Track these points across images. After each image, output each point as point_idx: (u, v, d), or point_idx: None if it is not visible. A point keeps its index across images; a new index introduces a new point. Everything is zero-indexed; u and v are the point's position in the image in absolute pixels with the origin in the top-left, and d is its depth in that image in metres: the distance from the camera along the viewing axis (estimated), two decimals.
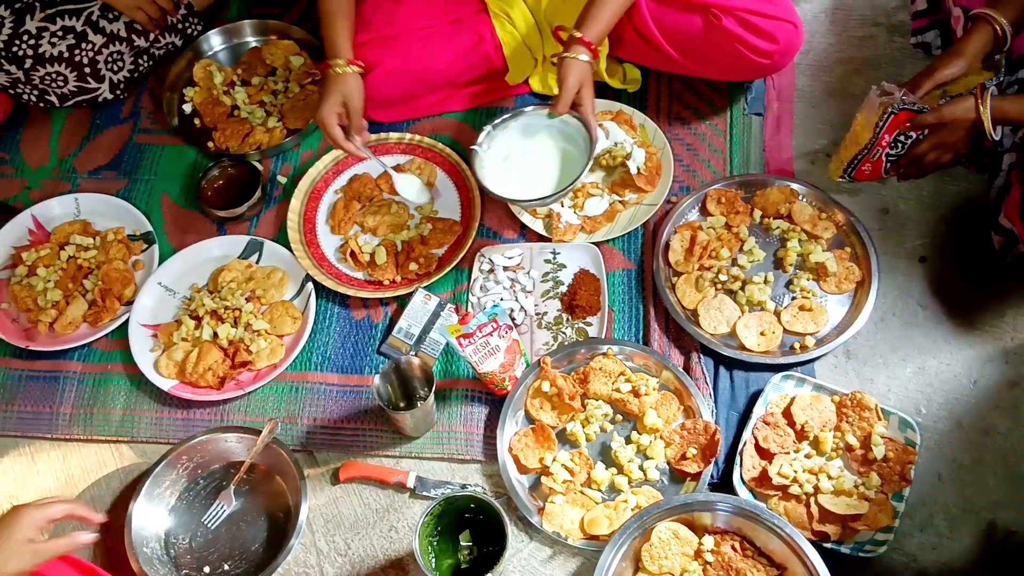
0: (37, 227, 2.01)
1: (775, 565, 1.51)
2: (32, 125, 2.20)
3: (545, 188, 1.85)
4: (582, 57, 1.75)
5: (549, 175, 1.87)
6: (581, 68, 1.76)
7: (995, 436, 1.64)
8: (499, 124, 1.89)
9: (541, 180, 1.87)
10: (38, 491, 1.74)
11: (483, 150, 1.87)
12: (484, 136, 1.87)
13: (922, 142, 1.67)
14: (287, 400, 1.78)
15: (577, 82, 1.76)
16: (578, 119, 1.81)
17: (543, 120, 1.88)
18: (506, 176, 1.87)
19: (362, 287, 1.88)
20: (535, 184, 1.86)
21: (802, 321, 1.75)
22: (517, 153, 1.90)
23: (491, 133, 1.88)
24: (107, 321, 1.87)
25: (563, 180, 1.85)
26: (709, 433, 1.62)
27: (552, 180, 1.86)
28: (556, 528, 1.58)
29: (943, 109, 1.61)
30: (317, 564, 1.62)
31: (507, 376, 1.68)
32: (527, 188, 1.85)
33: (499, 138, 1.90)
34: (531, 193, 1.84)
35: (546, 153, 1.89)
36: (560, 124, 1.86)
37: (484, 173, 1.86)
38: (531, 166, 1.88)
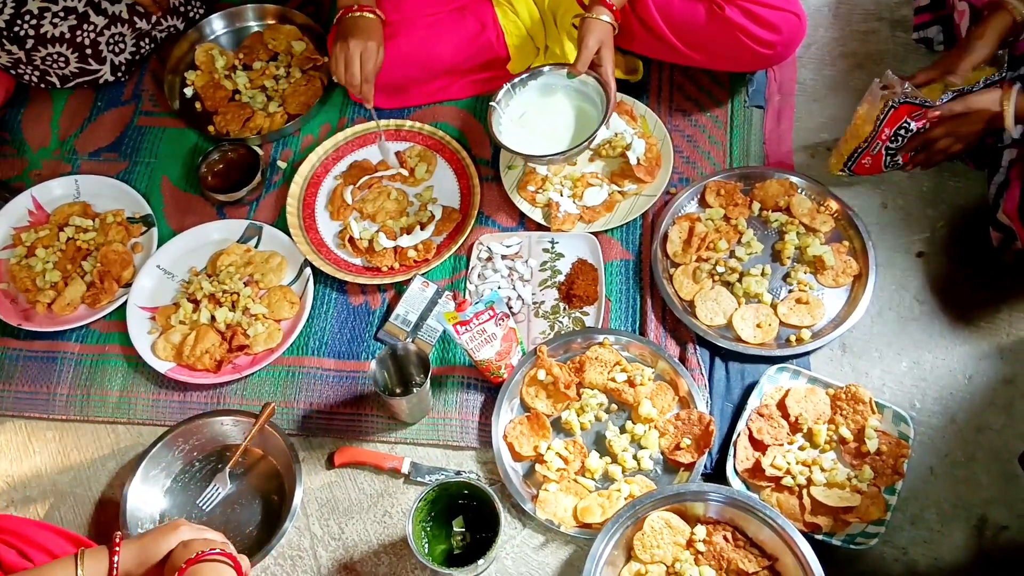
0: (37, 208, 2.01)
1: (766, 556, 1.51)
2: (33, 106, 2.20)
3: (560, 145, 1.84)
4: (604, 18, 1.77)
5: (565, 132, 1.88)
6: (602, 28, 1.77)
7: (988, 432, 1.64)
8: (518, 83, 1.89)
9: (557, 137, 1.87)
10: (34, 471, 1.75)
11: (501, 107, 1.87)
12: (502, 93, 1.87)
13: (937, 127, 1.67)
14: (283, 384, 1.79)
15: (597, 42, 1.77)
16: (596, 79, 1.81)
17: (561, 80, 1.88)
18: (522, 133, 1.88)
19: (360, 273, 1.88)
20: (550, 141, 1.86)
21: (798, 314, 1.75)
22: (534, 111, 1.90)
23: (509, 91, 1.88)
24: (105, 303, 1.88)
25: (578, 137, 1.85)
26: (703, 424, 1.62)
27: (568, 137, 1.87)
28: (549, 516, 1.59)
29: (970, 98, 1.61)
30: (311, 548, 1.63)
31: (503, 364, 1.68)
32: (542, 145, 1.85)
33: (517, 96, 1.90)
34: (546, 149, 1.83)
35: (563, 111, 1.90)
36: (578, 84, 1.87)
37: (500, 129, 1.86)
38: (547, 123, 1.89)
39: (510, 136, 1.86)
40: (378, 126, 1.96)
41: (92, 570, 1.25)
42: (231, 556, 1.25)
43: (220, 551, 1.24)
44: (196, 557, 1.21)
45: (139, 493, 1.64)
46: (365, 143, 2.05)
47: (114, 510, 1.64)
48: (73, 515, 1.69)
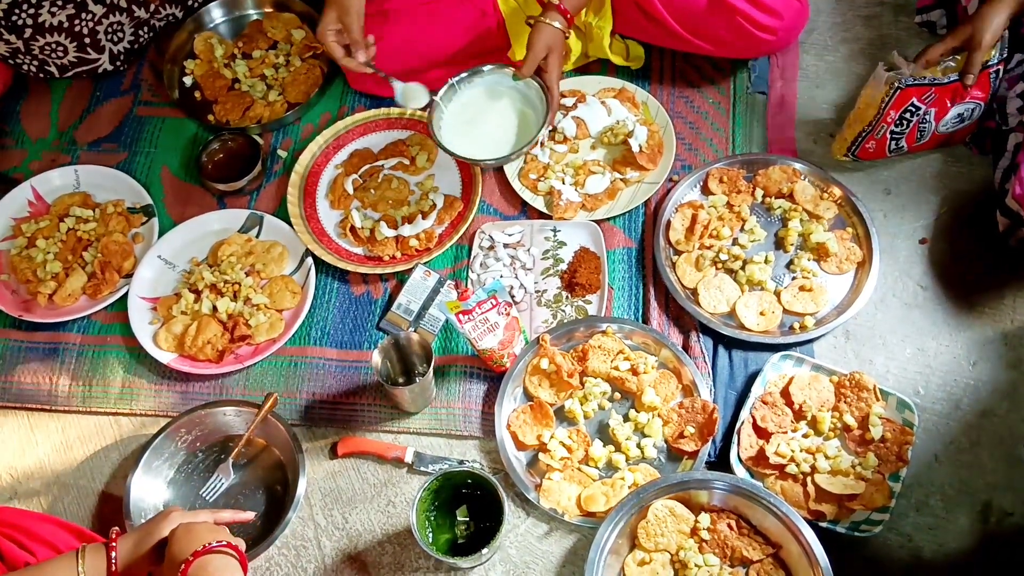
0: (37, 198, 2.01)
1: (771, 543, 1.51)
2: (32, 96, 2.19)
3: (499, 148, 1.86)
4: (555, 24, 1.76)
5: (505, 135, 1.88)
6: (551, 34, 1.77)
7: (993, 418, 1.64)
8: (461, 80, 1.89)
9: (496, 140, 1.88)
10: (37, 462, 1.74)
11: (443, 103, 1.88)
12: (445, 90, 1.88)
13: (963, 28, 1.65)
14: (286, 374, 1.78)
15: (545, 48, 1.77)
16: (540, 84, 1.82)
17: (506, 81, 1.89)
18: (462, 132, 1.88)
19: (362, 262, 1.88)
20: (489, 144, 1.87)
21: (802, 301, 1.74)
22: (476, 110, 1.91)
23: (453, 87, 1.89)
24: (106, 293, 1.87)
25: (518, 142, 1.86)
26: (707, 412, 1.62)
27: (507, 141, 1.88)
28: (553, 504, 1.59)
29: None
30: (315, 537, 1.63)
31: (506, 353, 1.68)
32: (481, 147, 1.86)
33: (460, 93, 1.91)
34: (484, 152, 1.84)
35: (504, 114, 1.91)
36: (522, 87, 1.88)
37: (441, 126, 1.87)
38: (488, 125, 1.89)
39: (450, 135, 1.87)
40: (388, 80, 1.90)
41: (93, 566, 1.26)
42: (235, 547, 1.25)
43: (227, 543, 1.24)
44: (203, 549, 1.21)
45: (142, 484, 1.64)
46: (366, 132, 2.04)
47: (117, 502, 1.64)
48: (76, 507, 1.69)
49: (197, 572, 1.19)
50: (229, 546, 1.24)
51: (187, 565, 1.20)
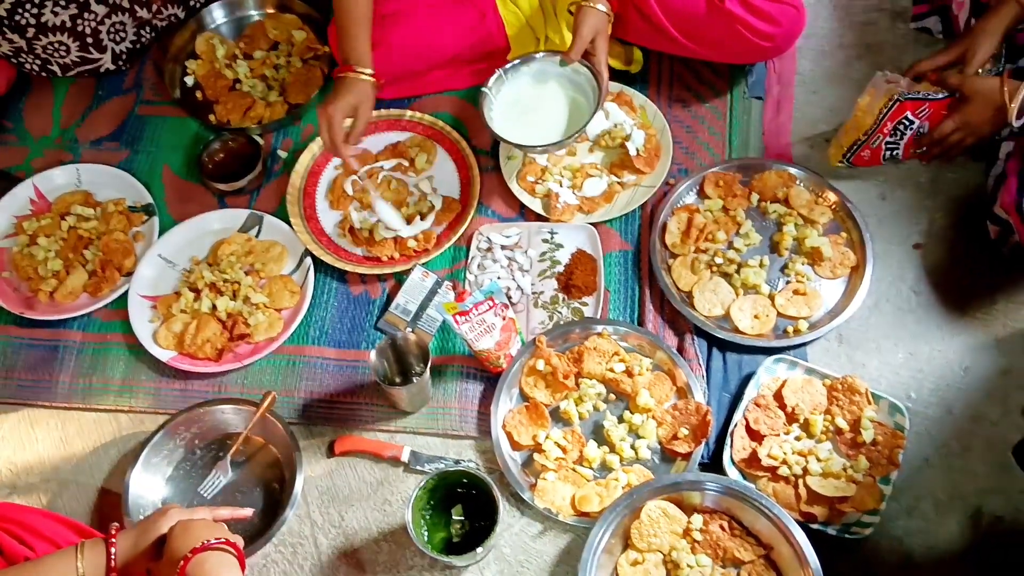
0: (39, 196, 2.02)
1: (762, 545, 1.53)
2: (35, 94, 2.21)
3: (551, 135, 1.85)
4: (600, 7, 1.77)
5: (556, 123, 1.88)
6: (597, 17, 1.77)
7: (984, 423, 1.66)
8: (510, 68, 1.89)
9: (548, 127, 1.87)
10: (37, 459, 1.76)
11: (492, 93, 1.88)
12: (494, 79, 1.87)
13: (947, 120, 1.67)
14: (284, 373, 1.80)
15: (592, 31, 1.77)
16: (589, 69, 1.81)
17: (554, 67, 1.88)
18: (513, 121, 1.88)
19: (360, 263, 1.89)
20: (542, 131, 1.86)
21: (796, 305, 1.76)
22: (526, 99, 1.90)
23: (502, 77, 1.88)
24: (107, 291, 1.89)
25: (569, 128, 1.85)
26: (701, 414, 1.63)
27: (559, 128, 1.87)
28: (547, 504, 1.60)
29: (966, 78, 1.62)
30: (311, 535, 1.64)
31: (502, 354, 1.69)
32: (534, 134, 1.85)
33: (509, 82, 1.90)
34: (537, 139, 1.84)
35: (555, 100, 1.90)
36: (571, 72, 1.87)
37: (492, 116, 1.87)
38: (539, 113, 1.89)
39: (502, 124, 1.87)
40: (372, 190, 1.92)
41: (92, 562, 1.27)
42: (233, 545, 1.26)
43: (225, 540, 1.25)
44: (201, 547, 1.22)
45: (141, 481, 1.66)
46: (366, 133, 2.04)
47: (116, 498, 1.65)
48: (75, 503, 1.71)
49: (195, 569, 1.20)
50: (227, 543, 1.25)
51: (185, 562, 1.20)
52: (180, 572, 1.21)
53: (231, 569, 1.23)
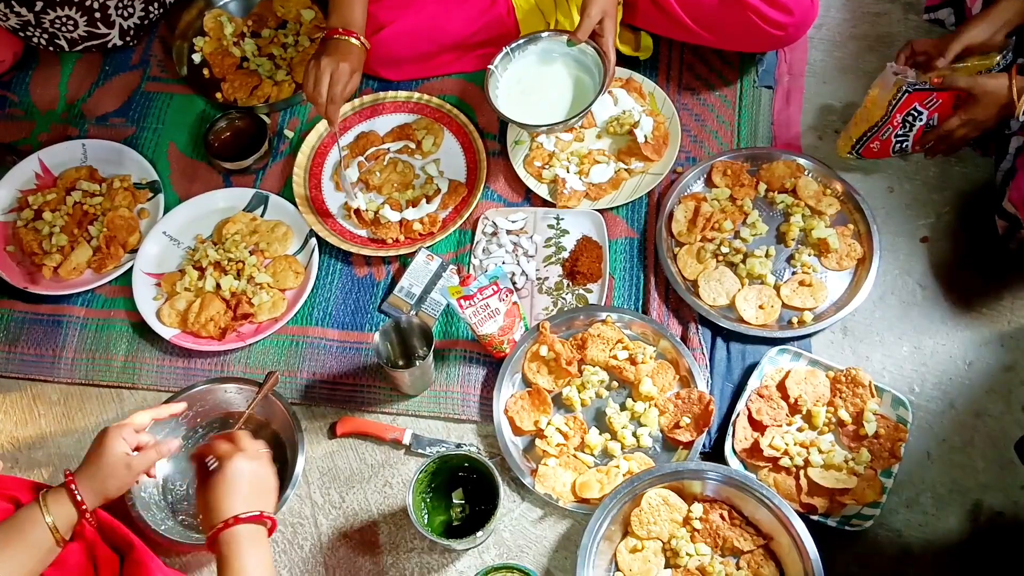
0: (44, 171, 2.02)
1: (762, 535, 1.53)
2: (42, 69, 2.20)
3: (555, 115, 1.84)
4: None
5: (561, 102, 1.86)
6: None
7: (986, 419, 1.66)
8: (516, 47, 1.87)
9: (553, 106, 1.86)
10: (39, 433, 1.76)
11: (498, 71, 1.86)
12: (500, 58, 1.85)
13: (952, 117, 1.67)
14: (287, 353, 1.80)
15: (600, 11, 1.75)
16: (596, 50, 1.80)
17: (561, 47, 1.87)
18: (517, 99, 1.87)
19: (365, 244, 1.89)
20: (546, 110, 1.85)
21: (801, 296, 1.75)
22: (531, 78, 1.89)
23: (508, 55, 1.87)
24: (111, 268, 1.89)
25: (573, 109, 1.84)
26: (703, 403, 1.63)
27: (563, 108, 1.85)
28: (548, 490, 1.60)
29: (977, 79, 1.61)
30: (312, 516, 1.65)
31: (506, 339, 1.69)
32: (538, 113, 1.84)
33: (515, 61, 1.88)
34: (541, 119, 1.83)
35: (560, 80, 1.88)
36: (577, 53, 1.85)
37: (497, 95, 1.85)
38: (544, 92, 1.87)
39: (507, 103, 1.86)
40: (340, 151, 1.90)
41: (59, 511, 1.29)
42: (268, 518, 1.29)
43: (260, 515, 1.27)
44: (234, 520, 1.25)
45: None
46: (373, 114, 2.05)
47: None
48: None
49: (226, 540, 1.24)
50: (262, 516, 1.27)
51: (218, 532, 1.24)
52: (212, 537, 1.24)
53: (260, 547, 1.26)
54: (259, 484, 1.31)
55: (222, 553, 1.23)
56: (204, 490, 1.29)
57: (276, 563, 1.61)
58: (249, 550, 1.24)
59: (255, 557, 1.24)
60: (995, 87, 1.60)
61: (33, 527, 1.27)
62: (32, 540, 1.26)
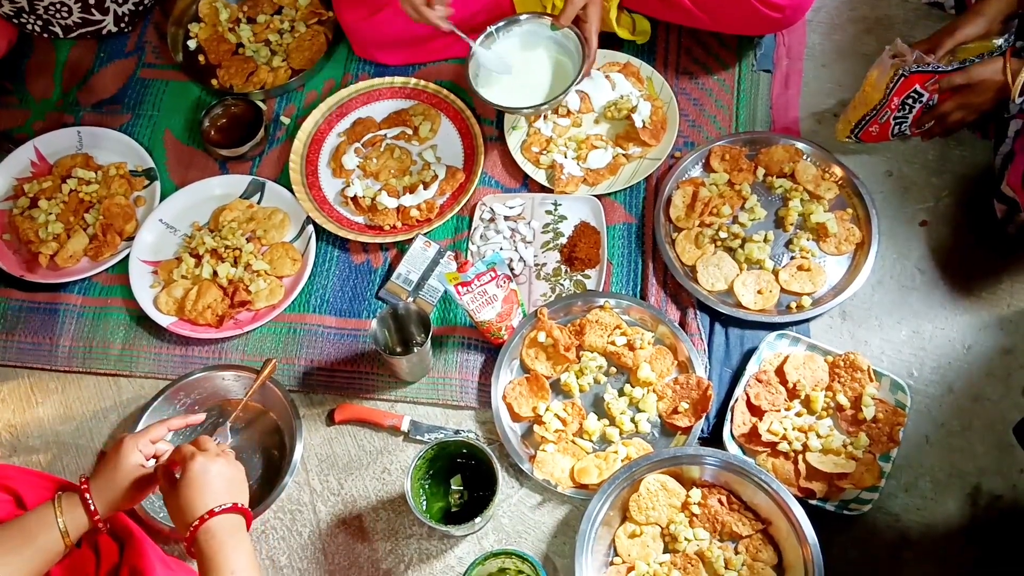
0: (39, 159, 2.01)
1: (760, 519, 1.53)
2: (36, 56, 2.18)
3: (533, 98, 1.85)
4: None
5: (540, 85, 1.87)
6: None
7: (985, 402, 1.65)
8: (501, 28, 1.87)
9: (532, 89, 1.87)
10: (36, 421, 1.76)
11: (481, 52, 1.86)
12: (483, 37, 1.86)
13: (948, 101, 1.66)
14: (285, 341, 1.79)
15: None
16: (578, 35, 1.81)
17: (544, 30, 1.87)
18: (498, 80, 1.87)
19: (362, 231, 1.88)
20: (525, 92, 1.86)
21: (800, 281, 1.75)
22: (512, 59, 1.89)
23: (492, 35, 1.87)
24: (108, 256, 1.88)
25: (552, 92, 1.85)
26: (701, 388, 1.63)
27: (542, 91, 1.87)
28: (546, 476, 1.60)
29: (971, 70, 1.60)
30: (310, 502, 1.65)
31: (504, 325, 1.69)
32: (517, 95, 1.85)
33: (499, 42, 1.89)
34: (518, 101, 1.84)
35: (540, 63, 1.89)
36: (560, 37, 1.86)
37: (477, 74, 1.86)
38: (524, 74, 1.88)
39: (486, 83, 1.86)
40: (468, 41, 1.88)
41: (71, 514, 1.29)
42: (242, 509, 1.27)
43: (233, 505, 1.26)
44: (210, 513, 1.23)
45: None
46: (369, 100, 2.04)
47: None
48: (76, 466, 1.71)
49: (204, 536, 1.22)
50: (235, 508, 1.26)
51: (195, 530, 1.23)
52: (190, 536, 1.22)
53: (239, 537, 1.25)
54: (227, 479, 1.29)
55: (202, 550, 1.21)
56: (173, 498, 1.27)
57: (275, 550, 1.61)
58: (229, 541, 1.22)
59: (237, 549, 1.22)
60: (990, 73, 1.59)
61: (44, 529, 1.27)
62: (42, 542, 1.26)
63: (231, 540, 1.23)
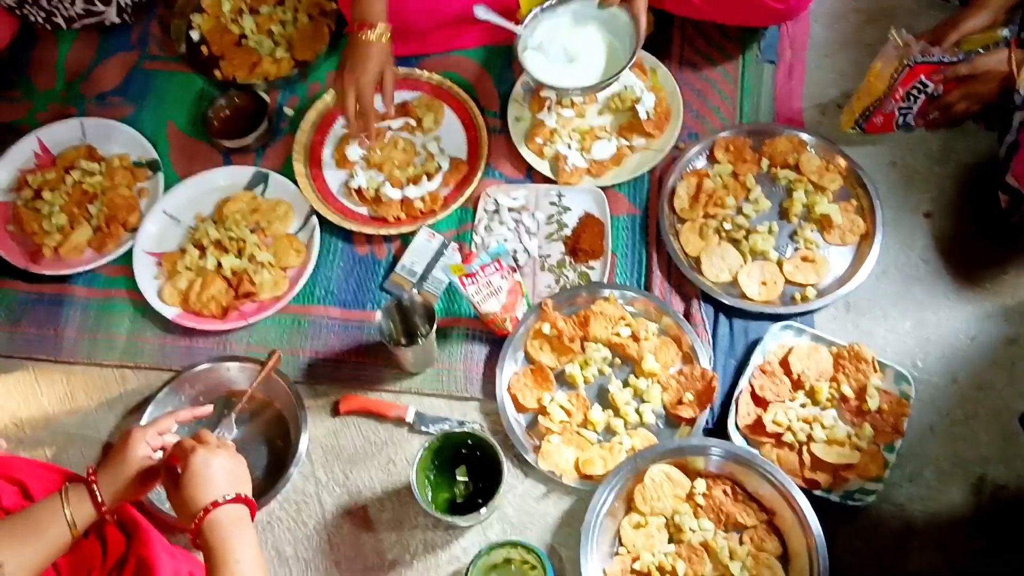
0: (43, 150, 2.01)
1: (765, 510, 1.53)
2: (39, 48, 2.18)
3: (587, 78, 1.82)
4: None
5: (593, 65, 1.84)
6: None
7: (989, 392, 1.65)
8: (547, 8, 1.84)
9: (584, 69, 1.84)
10: (42, 413, 1.76)
11: (527, 33, 1.83)
12: (530, 19, 1.83)
13: (952, 91, 1.66)
14: (289, 332, 1.80)
15: None
16: (627, 14, 1.78)
17: (592, 10, 1.84)
18: (548, 61, 1.84)
19: (366, 223, 1.88)
20: (577, 72, 1.83)
21: (804, 272, 1.75)
22: (562, 40, 1.86)
23: (538, 16, 1.84)
24: (112, 247, 1.88)
25: (606, 72, 1.82)
26: (706, 380, 1.63)
27: (595, 70, 1.83)
28: (551, 467, 1.60)
29: (976, 60, 1.61)
30: (316, 493, 1.65)
31: (508, 317, 1.69)
32: (569, 76, 1.82)
33: (545, 23, 1.85)
34: (571, 81, 1.81)
35: (592, 42, 1.86)
36: (608, 16, 1.83)
37: (526, 56, 1.83)
38: (576, 54, 1.85)
39: (537, 64, 1.83)
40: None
41: (78, 506, 1.28)
42: (247, 500, 1.27)
43: (237, 496, 1.26)
44: (214, 504, 1.23)
45: None
46: None
47: None
48: (81, 457, 1.71)
49: (209, 528, 1.22)
50: (239, 498, 1.26)
51: (200, 521, 1.22)
52: (195, 528, 1.22)
53: (244, 528, 1.25)
54: (229, 471, 1.29)
55: (207, 542, 1.21)
56: (176, 492, 1.27)
57: (280, 540, 1.61)
58: (234, 532, 1.22)
59: (242, 539, 1.22)
60: (994, 63, 1.59)
61: (52, 520, 1.26)
62: (49, 533, 1.26)
63: (235, 531, 1.23)
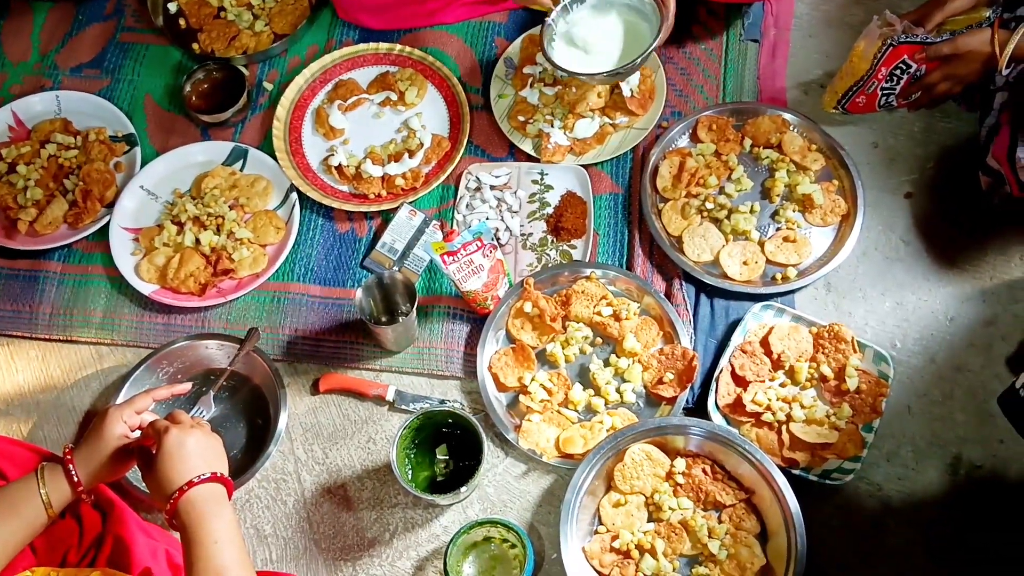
0: (17, 123, 1.97)
1: (744, 489, 1.54)
2: (14, 19, 2.14)
3: (609, 63, 1.79)
4: None
5: (616, 50, 1.81)
6: None
7: (966, 373, 1.67)
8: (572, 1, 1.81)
9: (608, 54, 1.81)
10: (17, 390, 1.74)
11: (555, 22, 1.80)
12: (559, 10, 1.79)
13: (934, 71, 1.66)
14: (268, 310, 1.78)
15: None
16: None
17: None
18: (574, 48, 1.82)
19: (347, 200, 1.86)
20: (602, 58, 1.80)
21: (785, 252, 1.75)
22: (587, 25, 1.82)
23: (566, 7, 1.80)
24: (88, 223, 1.85)
25: (629, 56, 1.79)
26: (687, 359, 1.63)
27: (618, 55, 1.81)
28: (532, 445, 1.61)
29: (959, 40, 1.60)
30: (295, 471, 1.65)
31: (489, 295, 1.68)
32: (593, 62, 1.80)
33: (572, 11, 1.82)
34: (595, 67, 1.78)
35: (616, 27, 1.83)
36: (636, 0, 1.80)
37: (553, 46, 1.80)
38: (600, 40, 1.81)
39: (562, 52, 1.81)
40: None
41: (54, 486, 1.27)
42: (223, 479, 1.26)
43: (212, 475, 1.24)
44: (189, 484, 1.22)
45: None
46: (353, 66, 2.01)
47: None
48: (56, 434, 1.70)
49: (185, 507, 1.20)
50: (215, 477, 1.25)
51: (175, 501, 1.21)
52: (171, 508, 1.21)
53: (220, 506, 1.23)
54: (203, 450, 1.27)
55: (184, 522, 1.20)
56: (151, 473, 1.25)
57: (259, 519, 1.61)
58: (211, 511, 1.21)
59: (219, 518, 1.21)
60: (977, 44, 1.59)
61: (28, 500, 1.25)
62: (25, 513, 1.25)
63: (212, 510, 1.21)
